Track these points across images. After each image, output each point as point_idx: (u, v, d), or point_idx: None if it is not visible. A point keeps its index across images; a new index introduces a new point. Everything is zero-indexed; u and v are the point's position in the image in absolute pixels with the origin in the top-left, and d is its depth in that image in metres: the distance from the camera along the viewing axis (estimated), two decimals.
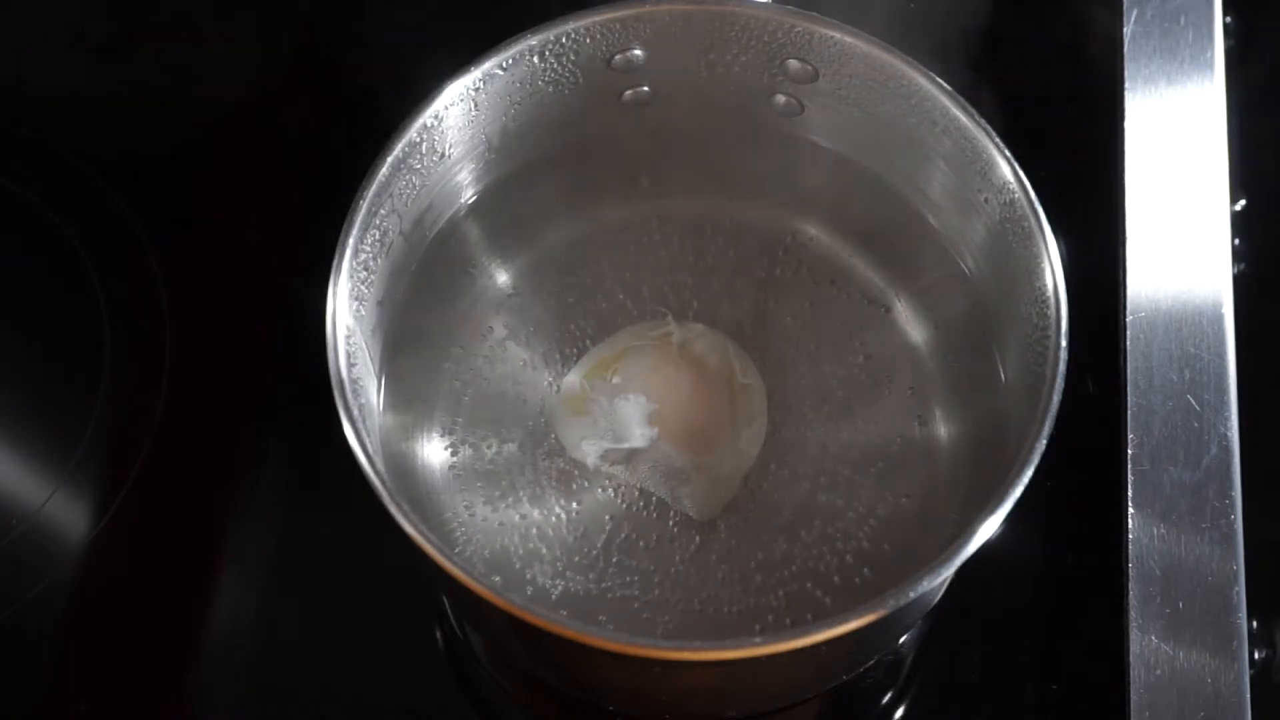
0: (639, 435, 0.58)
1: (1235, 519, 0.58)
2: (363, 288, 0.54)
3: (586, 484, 0.58)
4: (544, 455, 0.59)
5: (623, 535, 0.57)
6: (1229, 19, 0.72)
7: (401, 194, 0.56)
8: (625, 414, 0.58)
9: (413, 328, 0.59)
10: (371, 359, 0.56)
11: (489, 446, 0.59)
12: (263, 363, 0.67)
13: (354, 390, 0.51)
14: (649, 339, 0.60)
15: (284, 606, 0.61)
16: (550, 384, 0.60)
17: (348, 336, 0.52)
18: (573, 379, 0.60)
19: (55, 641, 0.61)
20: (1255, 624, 0.58)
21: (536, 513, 0.58)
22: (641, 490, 0.58)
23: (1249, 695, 0.55)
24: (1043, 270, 0.53)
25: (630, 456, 0.58)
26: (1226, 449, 0.59)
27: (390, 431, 0.57)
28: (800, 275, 0.62)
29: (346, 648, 0.60)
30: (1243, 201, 0.70)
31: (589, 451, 0.58)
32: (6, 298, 0.69)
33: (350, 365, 0.51)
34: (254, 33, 0.76)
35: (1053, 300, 0.52)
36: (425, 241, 0.60)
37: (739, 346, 0.61)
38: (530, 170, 0.62)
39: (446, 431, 0.59)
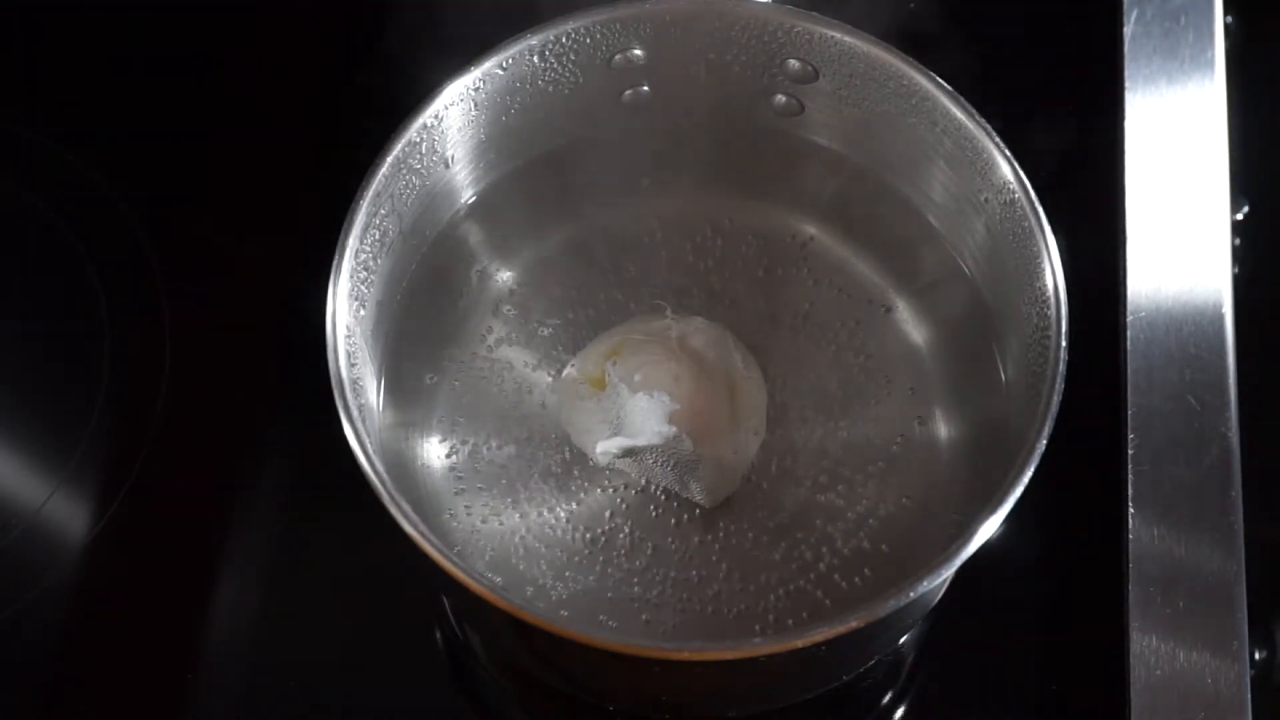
0: (656, 433, 0.57)
1: (1235, 519, 0.58)
2: (363, 288, 0.54)
3: (587, 484, 0.58)
4: (544, 455, 0.59)
5: (623, 535, 0.57)
6: (1229, 19, 0.72)
7: (401, 194, 0.56)
8: (644, 411, 0.57)
9: (413, 327, 0.59)
10: (371, 359, 0.56)
11: (489, 446, 0.59)
12: (263, 363, 0.67)
13: (354, 390, 0.51)
14: (648, 332, 0.60)
15: (284, 607, 0.61)
16: (550, 384, 0.60)
17: (348, 336, 0.52)
18: (573, 370, 0.60)
19: (55, 641, 0.61)
20: (1255, 624, 0.58)
21: (536, 512, 0.58)
22: (642, 490, 0.58)
23: (1249, 695, 0.55)
24: (1043, 270, 0.53)
25: (639, 450, 0.58)
26: (1226, 449, 0.59)
27: (390, 431, 0.57)
28: (800, 275, 0.62)
29: (347, 648, 0.60)
30: (1243, 204, 0.70)
31: (601, 451, 0.58)
32: (6, 298, 0.69)
33: (350, 365, 0.51)
34: (254, 33, 0.76)
35: (1053, 300, 0.52)
36: (425, 241, 0.60)
37: (738, 339, 0.61)
38: (530, 170, 0.62)
39: (446, 431, 0.59)
